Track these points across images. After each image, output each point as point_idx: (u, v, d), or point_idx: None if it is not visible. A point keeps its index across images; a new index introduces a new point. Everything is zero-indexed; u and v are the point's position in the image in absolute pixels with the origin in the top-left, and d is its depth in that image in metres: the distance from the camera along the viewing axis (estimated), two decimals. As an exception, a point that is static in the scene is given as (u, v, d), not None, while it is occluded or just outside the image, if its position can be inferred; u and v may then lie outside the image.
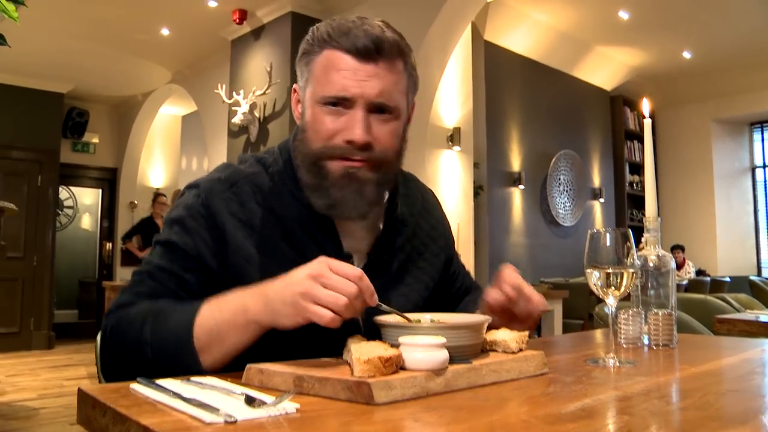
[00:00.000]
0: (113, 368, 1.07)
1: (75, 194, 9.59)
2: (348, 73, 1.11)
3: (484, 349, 1.03)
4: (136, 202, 9.45)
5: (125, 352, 1.04)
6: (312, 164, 1.15)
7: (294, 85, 1.24)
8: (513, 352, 1.01)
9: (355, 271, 0.93)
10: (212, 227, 1.14)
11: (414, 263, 1.30)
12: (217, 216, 1.14)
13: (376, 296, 0.95)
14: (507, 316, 1.13)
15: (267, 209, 1.17)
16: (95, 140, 9.41)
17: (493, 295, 1.12)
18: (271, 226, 1.16)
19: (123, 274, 8.83)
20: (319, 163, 1.14)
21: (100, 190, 9.67)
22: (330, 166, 1.14)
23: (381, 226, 1.25)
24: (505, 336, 1.03)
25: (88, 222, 9.85)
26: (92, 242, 9.78)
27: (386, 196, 1.22)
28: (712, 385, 0.93)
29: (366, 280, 0.93)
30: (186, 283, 1.12)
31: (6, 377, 6.06)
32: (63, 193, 9.18)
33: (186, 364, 0.99)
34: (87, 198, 9.80)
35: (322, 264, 0.93)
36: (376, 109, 1.13)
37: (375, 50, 1.12)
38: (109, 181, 9.59)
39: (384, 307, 0.98)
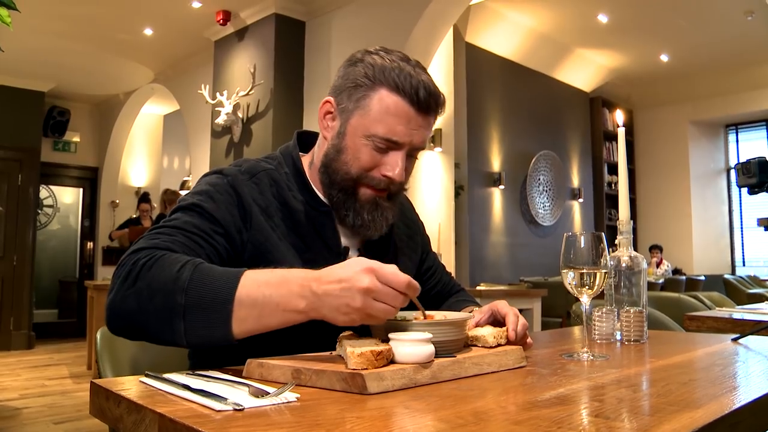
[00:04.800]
0: (129, 302, 1.01)
1: (55, 193, 9.53)
2: (404, 121, 1.21)
3: (467, 344, 1.11)
4: (117, 201, 9.43)
5: (153, 290, 1.00)
6: (345, 185, 1.25)
7: (328, 98, 1.30)
8: (491, 347, 1.09)
9: (402, 279, 0.96)
10: (240, 206, 1.21)
11: (396, 260, 1.39)
12: (243, 198, 1.21)
13: (418, 293, 0.99)
14: None
15: (281, 201, 1.26)
16: (76, 139, 9.37)
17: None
18: (284, 216, 1.25)
19: (104, 273, 8.81)
20: (353, 187, 1.25)
21: (81, 190, 9.63)
22: (362, 191, 1.25)
23: None
24: (484, 332, 1.11)
25: (68, 221, 9.79)
26: (72, 241, 9.72)
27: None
28: (675, 376, 1.01)
29: (414, 284, 0.97)
30: (216, 243, 1.15)
31: (-13, 377, 6.04)
32: (42, 192, 9.12)
33: (213, 324, 0.98)
34: (67, 197, 9.74)
35: (371, 276, 0.94)
36: (412, 151, 1.26)
37: (433, 105, 1.23)
38: (90, 180, 9.56)
39: (417, 302, 1.05)
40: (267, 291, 0.98)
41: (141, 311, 1.00)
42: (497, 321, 1.22)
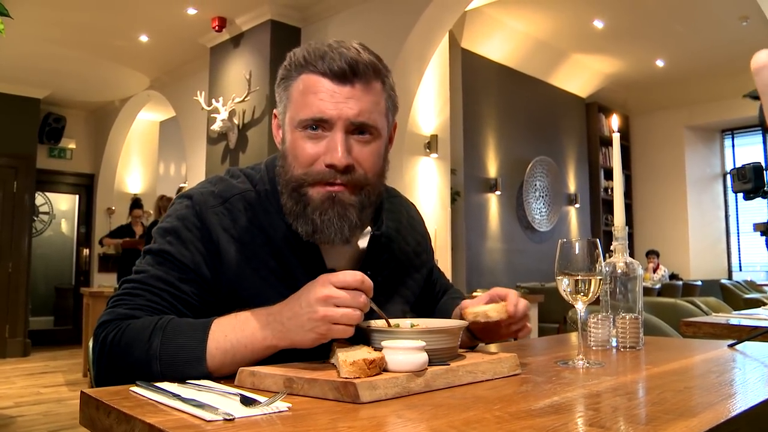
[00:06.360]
0: (111, 378, 1.04)
1: (51, 200, 9.51)
2: (325, 95, 1.11)
3: (461, 353, 1.10)
4: (113, 207, 9.42)
5: (129, 364, 1.02)
6: (293, 191, 1.15)
7: (274, 111, 1.25)
8: (493, 320, 1.11)
9: (355, 277, 0.98)
10: (207, 240, 1.15)
11: (399, 278, 1.33)
12: (211, 230, 1.15)
13: (372, 291, 1.00)
14: (484, 326, 1.19)
15: (257, 226, 1.18)
16: (72, 146, 9.36)
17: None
18: (260, 243, 1.17)
19: (101, 280, 8.79)
20: (301, 190, 1.14)
21: (77, 196, 9.62)
22: (311, 192, 1.13)
23: (365, 243, 1.27)
24: (485, 307, 1.12)
25: (64, 228, 9.77)
26: (68, 248, 9.70)
27: (369, 218, 1.22)
28: (671, 383, 1.00)
29: (367, 280, 0.99)
30: (183, 294, 1.12)
31: (-18, 385, 6.01)
32: (38, 199, 9.10)
33: (194, 379, 0.99)
34: (63, 204, 9.72)
35: (325, 284, 0.97)
36: (356, 130, 1.13)
37: (351, 72, 1.11)
38: (86, 187, 9.55)
39: (374, 306, 1.04)
40: (233, 337, 1.02)
41: (124, 379, 1.00)
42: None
